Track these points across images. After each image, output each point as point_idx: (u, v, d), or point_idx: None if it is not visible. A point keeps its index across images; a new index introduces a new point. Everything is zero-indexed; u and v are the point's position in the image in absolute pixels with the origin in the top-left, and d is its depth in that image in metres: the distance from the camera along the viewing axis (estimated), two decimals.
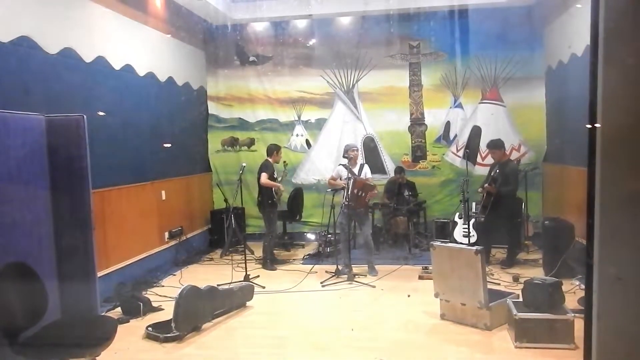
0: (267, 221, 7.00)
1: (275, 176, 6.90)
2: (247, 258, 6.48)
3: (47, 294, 3.22)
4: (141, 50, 6.57)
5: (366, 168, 6.59)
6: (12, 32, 4.35)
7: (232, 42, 8.62)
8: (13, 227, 3.44)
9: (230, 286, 5.23)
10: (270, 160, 6.91)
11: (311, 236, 8.50)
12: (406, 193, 7.83)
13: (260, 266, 6.87)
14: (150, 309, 5.04)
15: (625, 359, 0.60)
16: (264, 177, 6.67)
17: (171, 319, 4.35)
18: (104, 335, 3.10)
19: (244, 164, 6.93)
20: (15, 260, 3.23)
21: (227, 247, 7.60)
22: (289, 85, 8.69)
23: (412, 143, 8.54)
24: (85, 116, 3.90)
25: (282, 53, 8.62)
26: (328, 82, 8.61)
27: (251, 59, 8.73)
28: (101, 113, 5.48)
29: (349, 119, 8.65)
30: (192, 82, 8.15)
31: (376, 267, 6.46)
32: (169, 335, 4.29)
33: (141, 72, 6.53)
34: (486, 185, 6.37)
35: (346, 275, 6.15)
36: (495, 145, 6.62)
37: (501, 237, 6.71)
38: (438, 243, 4.89)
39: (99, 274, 4.76)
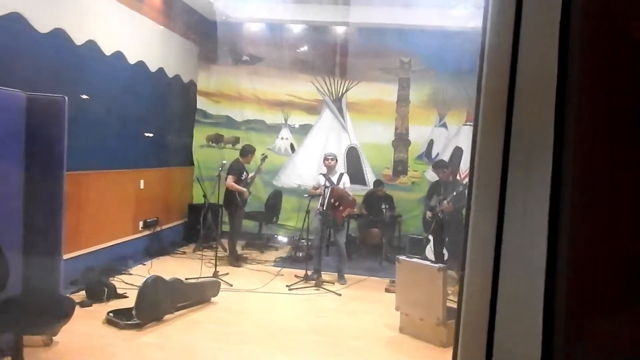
0: (231, 220, 7.14)
1: (243, 177, 6.99)
2: (218, 255, 6.52)
3: (9, 268, 3.24)
4: (134, 38, 6.61)
5: (345, 177, 6.69)
6: (4, 7, 4.38)
7: (227, 39, 8.66)
8: None
9: (197, 281, 5.27)
10: (241, 160, 7.03)
11: (285, 239, 8.55)
12: (383, 206, 7.92)
13: (229, 264, 6.93)
14: (114, 295, 5.06)
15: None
16: (230, 180, 6.82)
17: (133, 307, 4.39)
18: (61, 314, 3.14)
19: (224, 162, 7.00)
20: None
21: (200, 242, 7.62)
22: (278, 87, 8.75)
23: (394, 157, 8.65)
24: (66, 98, 3.93)
25: (275, 56, 8.69)
26: (318, 89, 8.69)
27: (244, 58, 8.80)
28: (85, 96, 5.50)
29: (334, 127, 8.75)
30: (182, 75, 8.20)
31: (346, 276, 6.54)
32: (129, 322, 4.32)
33: (132, 60, 6.57)
34: (445, 202, 6.45)
35: (314, 281, 6.22)
36: (438, 166, 7.06)
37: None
38: (404, 257, 4.98)
39: (68, 255, 4.79)
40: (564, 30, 0.64)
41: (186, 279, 5.18)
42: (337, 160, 6.90)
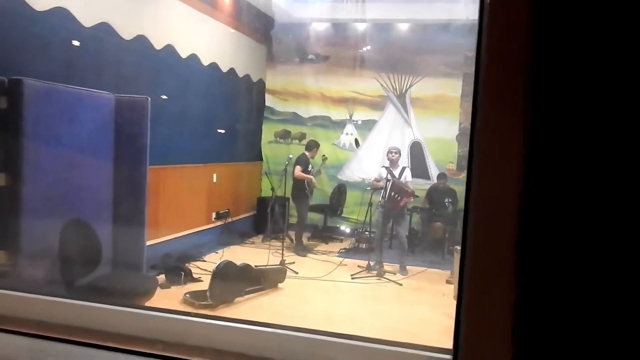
0: (298, 211, 7.50)
1: (309, 169, 7.35)
2: (285, 245, 6.89)
3: (102, 250, 3.69)
4: (207, 41, 7.07)
5: (407, 171, 6.86)
6: (94, 19, 4.89)
7: (293, 39, 9.02)
8: (80, 190, 3.95)
9: (265, 267, 5.63)
10: (307, 154, 7.38)
11: (348, 231, 8.81)
12: (446, 200, 8.01)
13: (295, 254, 7.28)
14: (190, 279, 5.51)
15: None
16: (297, 170, 7.20)
17: (207, 289, 4.80)
18: (146, 290, 3.55)
19: (290, 156, 7.37)
20: (79, 218, 3.73)
21: (268, 233, 8.02)
22: (343, 85, 9.01)
23: (458, 152, 8.68)
24: (149, 98, 4.37)
25: (340, 54, 8.95)
26: (382, 85, 8.87)
27: (310, 57, 9.11)
28: (164, 97, 5.99)
29: (398, 122, 8.90)
30: (252, 75, 8.62)
31: (407, 267, 6.72)
32: (203, 302, 4.73)
33: (205, 61, 7.03)
34: None
35: (376, 271, 6.45)
36: None
37: None
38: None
39: (149, 242, 5.27)
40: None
41: (255, 265, 5.55)
42: (400, 154, 7.07)
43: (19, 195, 3.35)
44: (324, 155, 7.78)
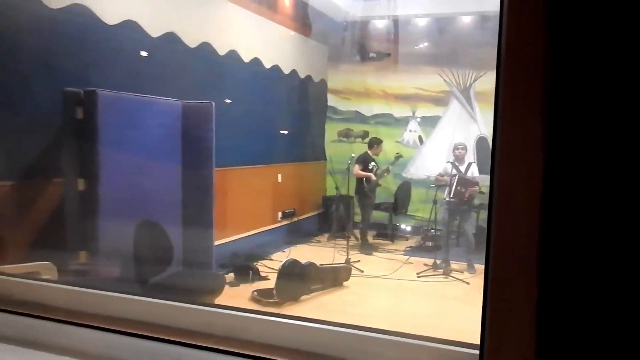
0: (362, 209, 7.55)
1: (370, 168, 7.36)
2: (350, 244, 6.92)
3: (173, 249, 3.87)
4: (268, 44, 7.22)
5: (473, 167, 6.71)
6: (161, 29, 5.12)
7: (354, 38, 9.03)
8: (151, 193, 4.15)
9: (330, 266, 5.69)
10: (369, 152, 7.39)
11: (414, 230, 8.72)
12: None
13: (360, 252, 7.30)
14: (257, 277, 5.65)
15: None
16: (356, 169, 7.26)
17: (273, 287, 4.91)
18: (215, 288, 3.69)
19: (352, 155, 7.39)
20: (151, 219, 3.93)
21: (333, 231, 8.09)
22: (405, 81, 8.92)
23: None
24: (213, 103, 4.53)
25: (401, 50, 8.87)
26: (445, 80, 8.72)
27: (371, 55, 9.09)
28: (228, 101, 6.18)
29: (463, 118, 8.72)
30: (313, 75, 8.71)
31: (475, 265, 6.57)
32: (270, 300, 4.84)
33: (267, 64, 7.18)
34: None
35: (443, 270, 6.35)
36: None
37: None
38: None
39: (219, 242, 5.46)
40: None
41: (320, 264, 5.62)
42: (467, 150, 6.94)
43: (96, 199, 3.57)
44: (397, 153, 7.75)
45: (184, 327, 1.16)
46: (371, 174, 7.42)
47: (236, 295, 5.09)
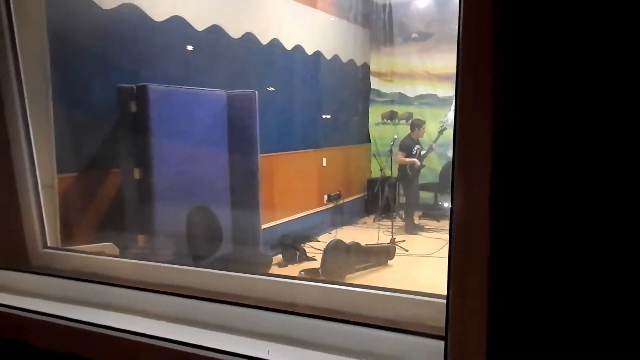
0: (406, 192, 7.61)
1: (414, 152, 7.38)
2: (396, 225, 7.05)
3: (222, 232, 4.13)
4: (310, 31, 7.36)
5: None
6: (206, 22, 5.35)
7: (395, 20, 9.03)
8: (200, 180, 4.41)
9: (374, 245, 5.85)
10: (412, 136, 7.42)
11: None
12: None
13: (405, 232, 7.41)
14: (305, 258, 5.88)
15: None
16: (399, 156, 7.27)
17: (319, 267, 5.12)
18: (262, 266, 3.92)
19: (395, 137, 7.47)
20: (202, 204, 4.19)
21: (379, 213, 8.22)
22: (449, 61, 8.83)
23: None
24: (256, 92, 4.74)
25: (444, 29, 8.80)
26: None
27: (413, 35, 9.07)
28: (271, 88, 6.38)
29: None
30: (356, 59, 8.80)
31: None
32: (316, 279, 5.05)
33: (309, 51, 7.33)
34: None
35: None
36: None
37: None
38: None
39: (267, 225, 5.71)
40: None
41: (365, 244, 5.78)
42: None
43: (151, 186, 3.86)
44: (441, 125, 7.67)
45: (231, 291, 1.36)
46: (415, 160, 7.44)
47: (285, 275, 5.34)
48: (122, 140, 4.00)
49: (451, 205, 0.78)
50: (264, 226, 5.50)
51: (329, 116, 7.89)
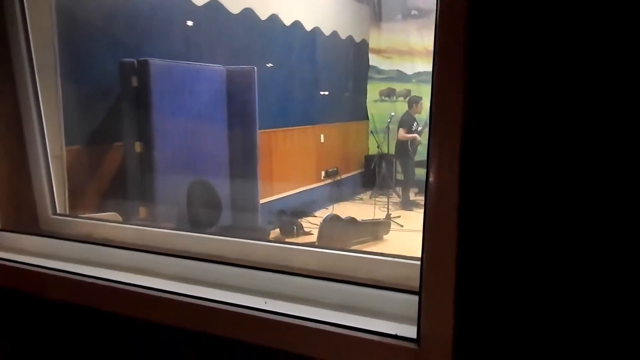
0: (403, 168, 7.72)
1: (413, 129, 7.46)
2: (393, 201, 7.17)
3: (222, 204, 4.23)
4: (309, 7, 7.37)
5: None
6: None
7: None
8: (200, 154, 4.51)
9: (370, 220, 5.97)
10: (410, 112, 7.50)
11: None
12: None
13: (402, 208, 7.54)
14: (302, 232, 6.00)
15: None
16: (402, 132, 7.36)
17: (316, 240, 5.25)
18: (258, 237, 4.03)
19: (392, 114, 7.54)
20: (202, 177, 4.29)
21: (376, 189, 8.33)
22: None
23: None
24: (255, 68, 4.80)
25: None
26: None
27: (413, 12, 9.06)
28: (270, 64, 6.43)
29: None
30: (355, 36, 8.81)
31: None
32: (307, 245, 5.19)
33: (308, 27, 7.35)
34: None
35: None
36: None
37: None
38: None
39: (266, 199, 5.82)
40: None
41: (361, 219, 5.90)
42: None
43: (152, 160, 3.95)
44: None
45: (231, 255, 1.47)
46: (416, 135, 7.53)
47: None
48: (125, 114, 4.08)
49: (426, 178, 0.88)
50: (262, 201, 5.62)
51: (327, 93, 7.95)
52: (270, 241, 1.50)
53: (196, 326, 1.19)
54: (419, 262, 1.01)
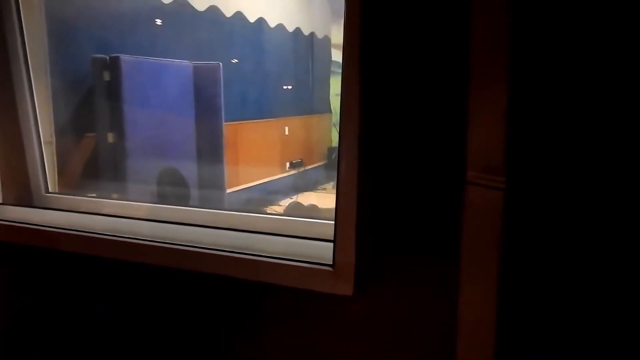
0: None
1: None
2: None
3: (190, 193, 4.54)
4: (273, 4, 7.67)
5: None
6: None
7: None
8: (169, 144, 4.80)
9: (330, 208, 6.34)
10: None
11: None
12: None
13: None
14: None
15: None
16: None
17: None
18: None
19: None
20: (170, 166, 4.59)
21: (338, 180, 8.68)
22: None
23: None
24: (221, 63, 5.11)
25: None
26: None
27: None
28: (235, 60, 6.72)
29: None
30: (317, 32, 9.12)
31: None
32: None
33: (272, 23, 7.64)
34: None
35: None
36: None
37: None
38: None
39: (233, 189, 6.11)
40: None
41: (323, 207, 6.26)
42: None
43: (124, 149, 4.23)
44: None
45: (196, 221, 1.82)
46: None
47: None
48: (97, 107, 4.34)
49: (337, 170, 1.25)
50: (228, 190, 5.92)
51: (290, 87, 8.28)
52: (233, 211, 1.86)
53: (169, 263, 1.54)
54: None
